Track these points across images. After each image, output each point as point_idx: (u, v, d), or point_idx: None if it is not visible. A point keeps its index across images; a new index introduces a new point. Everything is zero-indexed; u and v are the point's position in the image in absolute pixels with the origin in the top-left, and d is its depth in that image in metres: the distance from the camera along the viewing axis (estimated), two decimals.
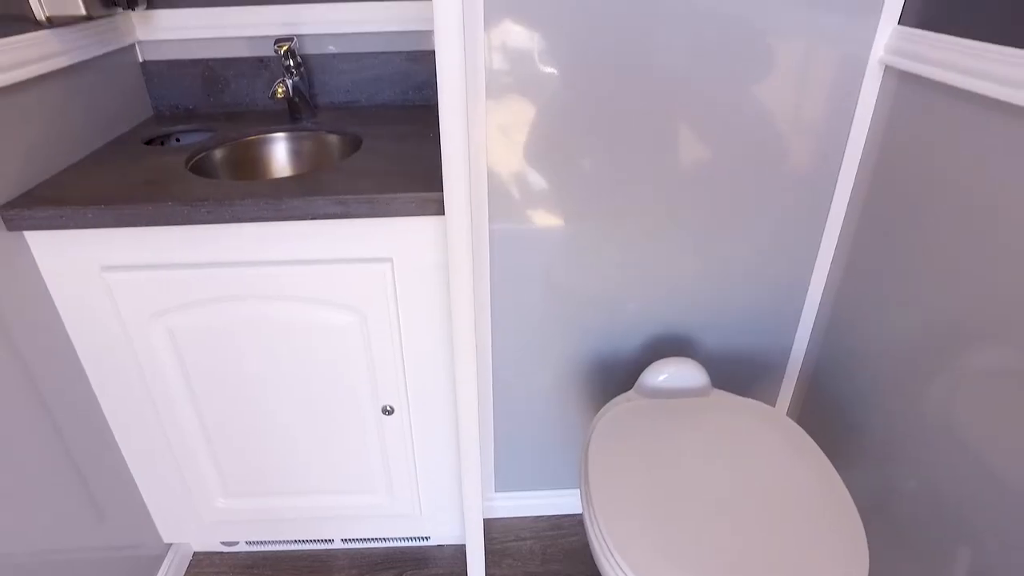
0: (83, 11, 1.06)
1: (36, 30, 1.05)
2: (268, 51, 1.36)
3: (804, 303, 1.23)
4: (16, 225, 0.95)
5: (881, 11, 0.99)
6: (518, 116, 1.02)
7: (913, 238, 0.97)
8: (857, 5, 0.97)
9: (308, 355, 1.08)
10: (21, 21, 1.03)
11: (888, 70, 1.01)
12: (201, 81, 1.39)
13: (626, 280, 1.18)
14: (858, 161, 1.09)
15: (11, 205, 0.95)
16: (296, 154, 1.29)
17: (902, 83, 0.98)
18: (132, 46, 1.34)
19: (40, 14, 1.05)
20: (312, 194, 0.92)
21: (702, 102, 1.02)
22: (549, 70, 0.99)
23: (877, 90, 1.03)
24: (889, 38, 1.00)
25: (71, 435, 1.06)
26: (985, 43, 0.80)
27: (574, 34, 0.96)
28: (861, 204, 1.09)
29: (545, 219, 1.11)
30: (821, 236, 1.16)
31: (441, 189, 0.91)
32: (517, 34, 0.96)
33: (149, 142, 1.26)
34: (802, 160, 1.08)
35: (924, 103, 0.94)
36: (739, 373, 1.31)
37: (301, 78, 1.29)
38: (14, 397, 0.95)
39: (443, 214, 0.93)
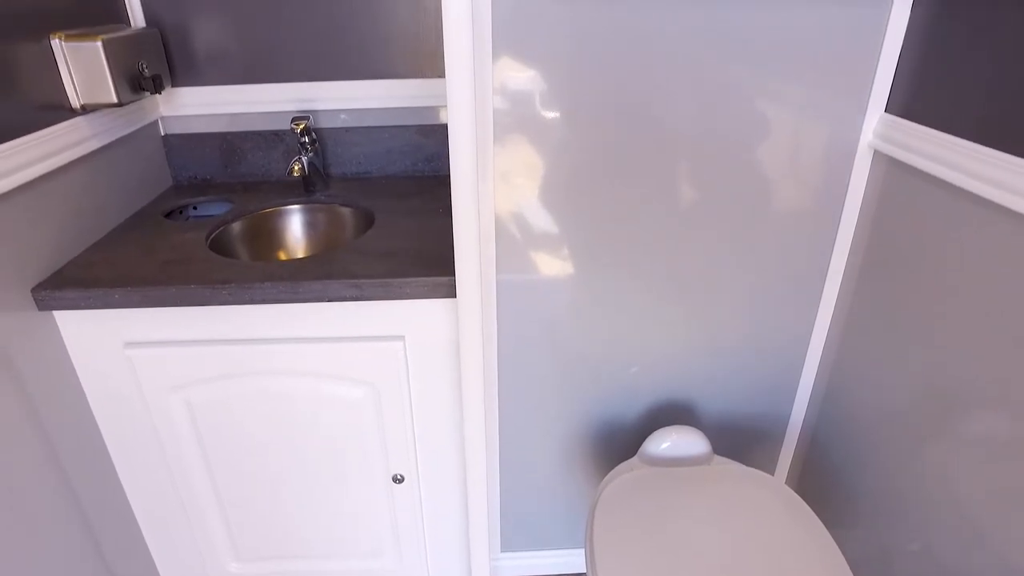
0: (115, 99, 1.12)
1: (71, 117, 1.11)
2: (284, 125, 1.42)
3: (802, 371, 1.27)
4: (47, 305, 1.00)
5: (869, 97, 1.04)
6: (523, 186, 1.07)
7: (907, 309, 1.01)
8: (846, 87, 1.02)
9: (322, 426, 1.11)
10: (58, 109, 1.09)
11: (877, 154, 1.07)
12: (219, 153, 1.45)
13: (629, 343, 1.22)
14: (852, 235, 1.14)
15: (42, 286, 1.00)
16: (311, 226, 1.35)
17: (891, 167, 1.03)
18: (155, 121, 1.41)
19: (75, 103, 1.12)
20: (328, 278, 0.97)
21: (701, 164, 1.06)
22: (553, 128, 1.04)
23: (867, 171, 1.09)
24: (877, 124, 1.05)
25: (87, 500, 1.10)
26: (964, 140, 0.86)
27: (575, 111, 1.02)
28: (856, 276, 1.14)
29: (550, 283, 1.15)
30: (818, 304, 1.20)
31: (451, 272, 0.96)
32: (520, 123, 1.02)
33: (169, 214, 1.31)
34: (798, 231, 1.13)
35: (911, 189, 0.99)
36: (740, 438, 1.34)
37: (316, 154, 1.35)
38: (34, 463, 0.99)
39: (454, 296, 0.98)
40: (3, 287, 0.94)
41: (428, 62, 1.36)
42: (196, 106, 1.41)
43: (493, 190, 1.05)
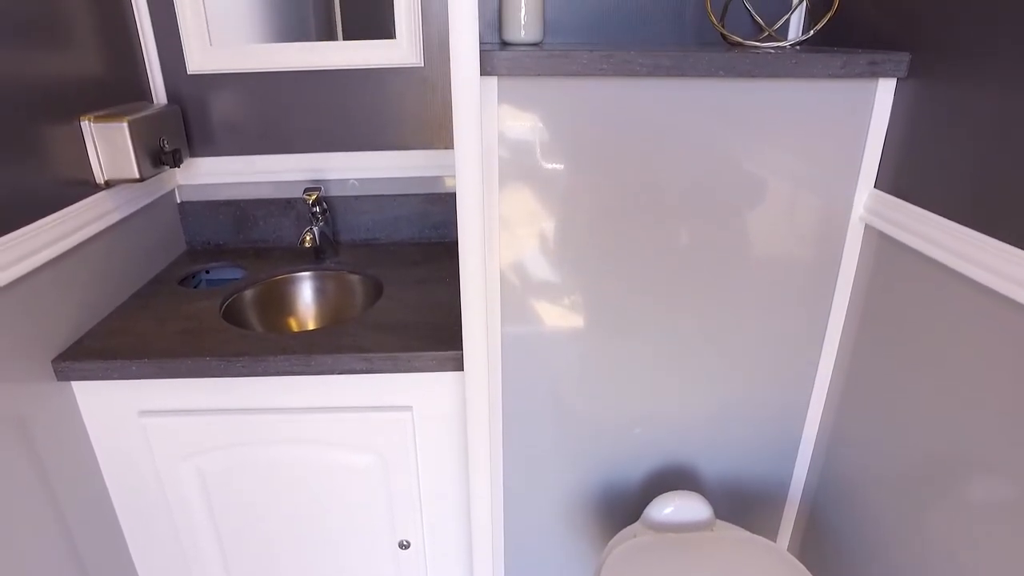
0: (137, 175, 1.18)
1: (95, 193, 1.16)
2: (295, 193, 1.48)
3: (801, 435, 1.29)
4: (66, 376, 1.03)
5: (859, 173, 1.09)
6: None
7: (901, 377, 1.03)
8: (837, 162, 1.07)
9: (329, 493, 1.13)
10: (83, 185, 1.14)
11: (868, 228, 1.11)
12: (232, 220, 1.50)
13: (632, 404, 1.24)
14: (847, 304, 1.17)
15: (63, 357, 1.03)
16: (321, 292, 1.39)
17: (881, 241, 1.07)
18: (172, 190, 1.46)
19: (100, 178, 1.17)
20: (338, 351, 1.01)
21: (699, 228, 1.09)
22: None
23: (860, 244, 1.12)
24: (867, 199, 1.10)
25: (93, 565, 1.11)
26: (948, 220, 0.90)
27: (576, 181, 1.06)
28: (852, 343, 1.17)
29: (554, 339, 1.18)
30: (816, 369, 1.23)
31: (458, 347, 0.99)
32: (523, 197, 1.06)
33: (183, 280, 1.36)
34: (795, 297, 1.16)
35: (900, 263, 1.02)
36: (742, 502, 1.35)
37: (326, 223, 1.40)
38: (44, 529, 1.00)
39: (461, 370, 1.01)
40: (25, 358, 0.97)
41: (435, 134, 1.42)
42: (211, 175, 1.46)
43: (499, 242, 1.08)
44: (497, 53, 0.90)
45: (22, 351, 0.96)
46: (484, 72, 0.91)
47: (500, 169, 1.00)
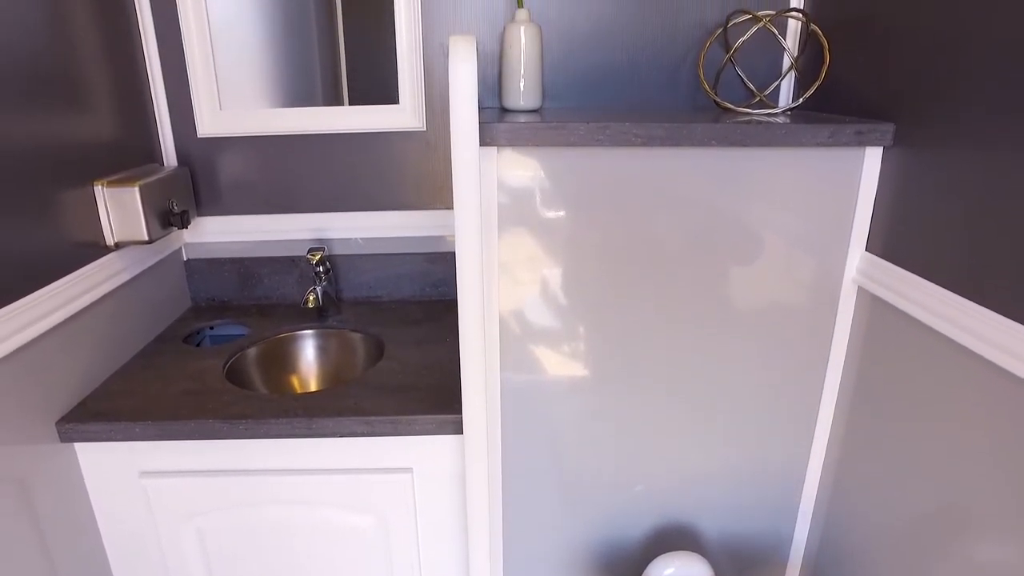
0: (146, 237, 1.21)
1: (104, 255, 1.19)
2: (299, 251, 1.51)
3: (801, 494, 1.28)
4: (69, 438, 1.04)
5: (850, 236, 1.11)
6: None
7: (898, 437, 1.04)
8: (829, 224, 1.09)
9: (329, 553, 1.13)
10: (93, 247, 1.17)
11: (861, 290, 1.13)
12: (237, 277, 1.53)
13: (632, 460, 1.24)
14: (843, 364, 1.18)
15: (67, 419, 1.04)
16: (323, 351, 1.40)
17: (875, 303, 1.09)
18: (179, 249, 1.49)
19: (110, 240, 1.20)
20: (340, 414, 1.02)
21: (696, 285, 1.11)
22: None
23: (853, 305, 1.14)
24: (859, 262, 1.12)
25: None
26: (935, 285, 0.92)
27: (575, 239, 1.09)
28: (849, 402, 1.17)
29: (554, 391, 1.19)
30: (814, 428, 1.23)
31: (458, 411, 1.01)
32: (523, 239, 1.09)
33: (188, 337, 1.37)
34: (792, 355, 1.17)
35: (893, 326, 1.04)
36: (743, 561, 1.34)
37: (329, 282, 1.43)
38: None
39: (461, 433, 1.02)
40: (29, 421, 0.98)
41: (437, 195, 1.46)
42: (218, 233, 1.50)
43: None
44: (496, 126, 0.94)
45: (26, 414, 0.98)
46: (484, 143, 0.95)
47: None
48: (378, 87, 1.38)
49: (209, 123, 1.40)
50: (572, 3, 1.33)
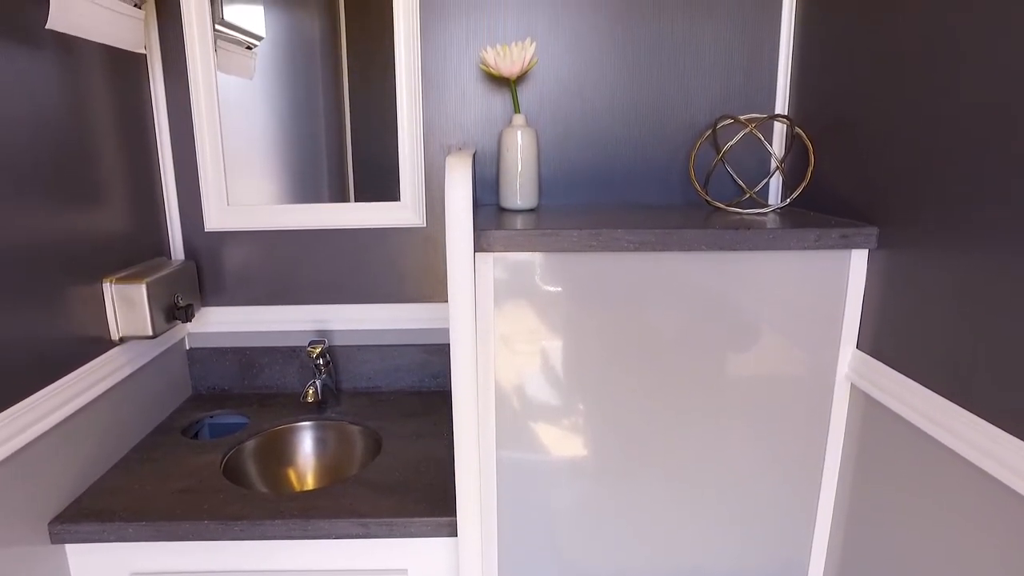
0: (151, 332, 1.23)
1: (108, 350, 1.21)
2: (300, 342, 1.53)
3: None
4: (60, 539, 1.03)
5: (841, 333, 1.13)
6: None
7: (898, 538, 1.02)
8: (821, 321, 1.11)
9: None
10: (98, 343, 1.19)
11: (854, 387, 1.14)
12: (238, 366, 1.54)
13: (631, 556, 1.21)
14: (839, 462, 1.18)
15: (59, 519, 1.04)
16: (321, 443, 1.40)
17: (868, 401, 1.10)
18: (182, 339, 1.51)
19: (115, 335, 1.22)
20: (336, 516, 1.01)
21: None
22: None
23: (847, 401, 1.15)
24: (851, 359, 1.13)
25: None
26: (924, 387, 0.93)
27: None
28: (847, 503, 1.16)
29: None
30: (814, 529, 1.21)
31: (453, 512, 1.00)
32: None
33: (187, 428, 1.38)
34: (789, 449, 1.17)
35: (885, 425, 1.04)
36: None
37: (329, 374, 1.44)
38: None
39: (456, 536, 1.01)
40: (20, 523, 0.98)
41: (435, 289, 1.49)
42: (221, 324, 1.52)
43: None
44: (492, 233, 0.97)
45: (18, 516, 0.97)
46: (480, 249, 0.98)
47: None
48: (382, 183, 1.44)
49: (217, 218, 1.45)
50: (567, 107, 1.40)
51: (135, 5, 1.21)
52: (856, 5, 1.13)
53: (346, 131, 1.43)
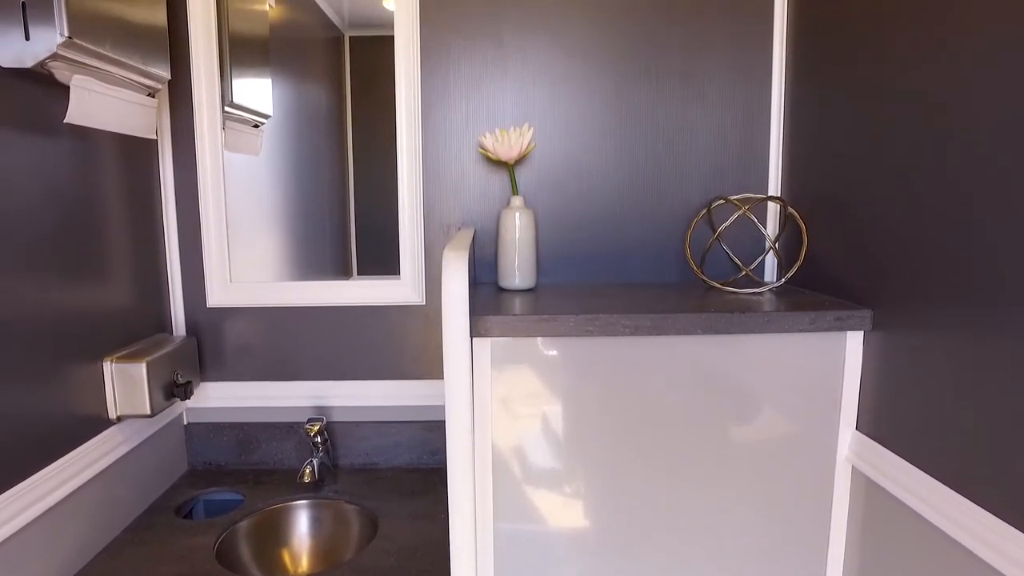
0: (149, 411, 1.23)
1: (105, 429, 1.21)
2: (298, 418, 1.52)
3: None
4: None
5: (840, 414, 1.13)
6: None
7: None
8: (820, 402, 1.10)
9: None
10: (95, 422, 1.19)
11: (855, 469, 1.12)
12: (236, 442, 1.53)
13: None
14: (844, 541, 1.15)
15: None
16: (317, 522, 1.38)
17: (869, 484, 1.08)
18: (180, 415, 1.51)
19: (112, 414, 1.22)
20: None
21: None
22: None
23: (849, 483, 1.13)
24: (851, 441, 1.12)
25: None
26: (922, 472, 0.92)
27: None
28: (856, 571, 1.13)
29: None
30: None
31: None
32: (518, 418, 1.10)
33: (180, 507, 1.36)
34: (793, 529, 1.14)
35: (888, 509, 1.02)
36: None
37: (326, 452, 1.43)
38: None
39: None
40: None
41: (434, 366, 1.49)
42: (220, 399, 1.52)
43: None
44: (489, 319, 0.98)
45: None
46: (478, 334, 0.99)
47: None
48: (385, 258, 1.46)
49: (219, 295, 1.46)
50: (565, 187, 1.43)
51: (149, 94, 1.26)
52: (842, 88, 1.17)
53: (350, 202, 1.47)
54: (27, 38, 0.95)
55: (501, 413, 1.07)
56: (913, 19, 0.97)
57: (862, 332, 1.09)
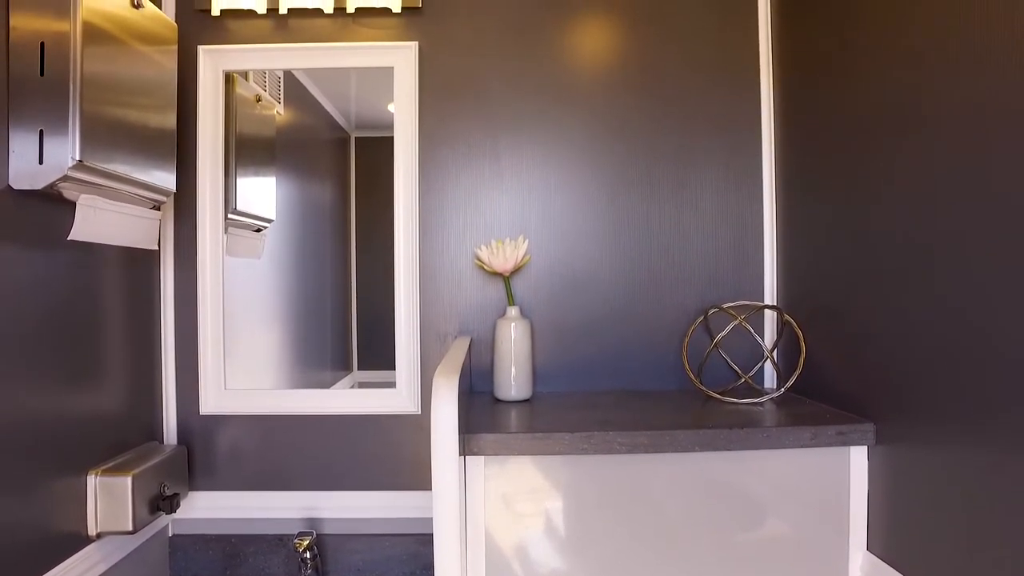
0: (131, 528, 1.19)
1: (83, 547, 1.16)
2: (287, 529, 1.46)
3: None
4: None
5: (849, 533, 1.08)
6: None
7: None
8: (826, 520, 1.07)
9: None
10: (72, 539, 1.14)
11: None
12: (222, 555, 1.47)
13: None
14: None
15: None
16: None
17: None
18: (165, 527, 1.46)
19: (92, 531, 1.18)
20: None
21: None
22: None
23: None
24: (862, 561, 1.08)
25: None
26: None
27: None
28: None
29: None
30: None
31: None
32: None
33: None
34: None
35: None
36: None
37: (315, 569, 1.37)
38: None
39: None
40: None
41: (429, 477, 1.45)
42: (207, 510, 1.47)
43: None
44: (482, 436, 0.97)
45: None
46: (470, 453, 0.97)
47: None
48: (386, 354, 1.45)
49: (213, 402, 1.45)
50: (560, 295, 1.44)
51: (153, 207, 1.29)
52: (831, 201, 1.20)
53: (352, 295, 1.47)
54: (40, 162, 0.99)
55: (494, 531, 1.03)
56: (897, 133, 1.00)
57: (866, 447, 1.07)
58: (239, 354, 1.47)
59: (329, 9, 1.41)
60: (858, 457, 1.08)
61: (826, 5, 1.20)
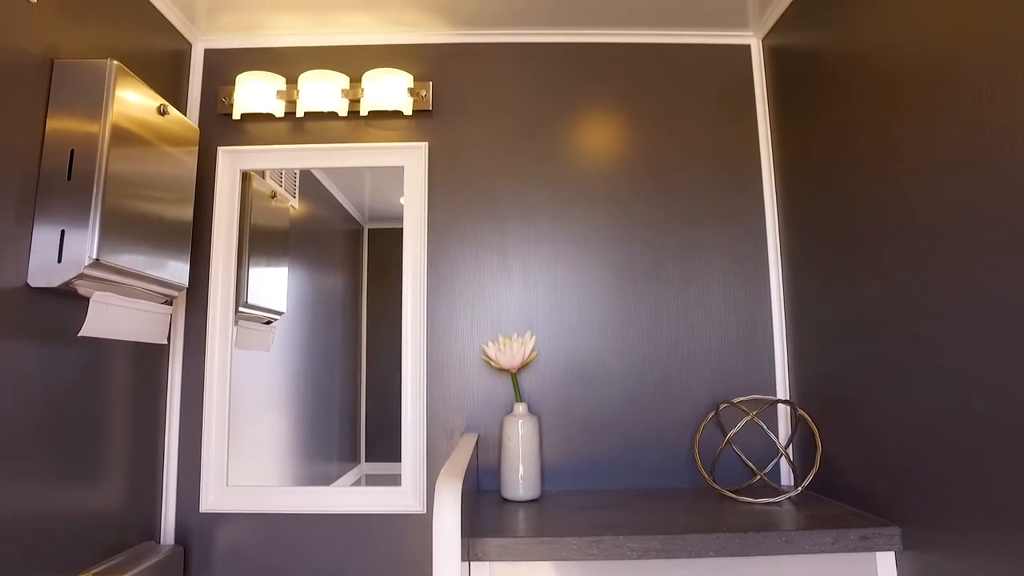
0: None
1: None
2: None
3: None
4: None
5: None
6: None
7: None
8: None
9: None
10: None
11: None
12: None
13: None
14: None
15: None
16: None
17: None
18: None
19: None
20: None
21: None
22: None
23: None
24: None
25: None
26: None
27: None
28: None
29: None
30: None
31: None
32: None
33: None
34: None
35: None
36: None
37: None
38: None
39: None
40: None
41: None
42: None
43: None
44: (488, 541, 0.93)
45: None
46: (475, 558, 0.93)
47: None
48: (395, 446, 1.41)
49: (214, 499, 1.41)
50: (568, 390, 1.42)
51: (165, 302, 1.30)
52: (840, 298, 1.19)
53: (361, 386, 1.45)
54: (59, 260, 1.01)
55: None
56: (889, 231, 1.01)
57: (893, 553, 1.02)
58: (245, 445, 1.44)
59: (343, 112, 1.48)
60: (886, 564, 1.03)
61: (820, 107, 1.24)
